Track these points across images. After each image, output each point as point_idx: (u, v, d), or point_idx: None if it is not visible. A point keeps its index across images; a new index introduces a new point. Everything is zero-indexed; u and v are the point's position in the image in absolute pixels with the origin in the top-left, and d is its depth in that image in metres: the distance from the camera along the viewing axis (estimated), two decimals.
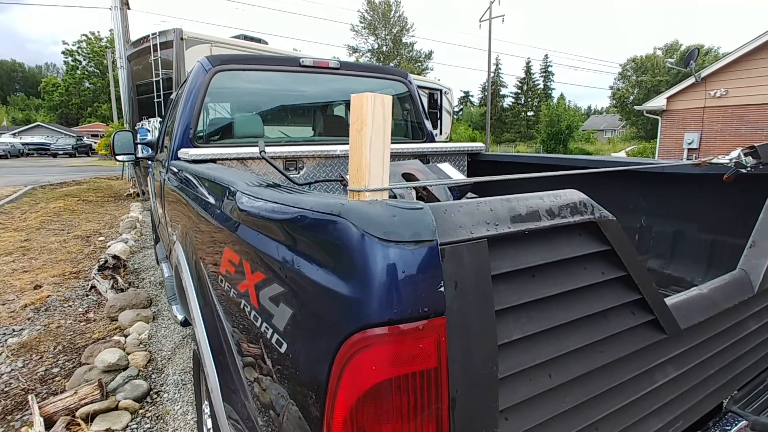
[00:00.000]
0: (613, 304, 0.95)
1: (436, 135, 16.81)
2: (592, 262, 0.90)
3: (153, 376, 3.32)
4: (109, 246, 6.94)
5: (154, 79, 9.57)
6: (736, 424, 1.37)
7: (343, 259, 0.68)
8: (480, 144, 3.43)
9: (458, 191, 2.59)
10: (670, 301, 1.12)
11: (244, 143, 2.98)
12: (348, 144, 3.26)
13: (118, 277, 5.37)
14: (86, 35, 55.00)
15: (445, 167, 2.72)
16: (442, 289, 0.65)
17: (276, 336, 0.86)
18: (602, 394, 0.97)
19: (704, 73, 11.90)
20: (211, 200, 1.50)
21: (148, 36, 9.86)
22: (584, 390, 0.92)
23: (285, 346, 0.82)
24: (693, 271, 2.23)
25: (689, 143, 12.36)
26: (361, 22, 57.21)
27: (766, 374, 1.59)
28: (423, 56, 59.99)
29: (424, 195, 2.50)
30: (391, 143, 2.63)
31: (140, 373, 3.33)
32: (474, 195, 2.81)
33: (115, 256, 5.91)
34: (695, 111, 12.36)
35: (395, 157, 3.11)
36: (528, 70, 58.81)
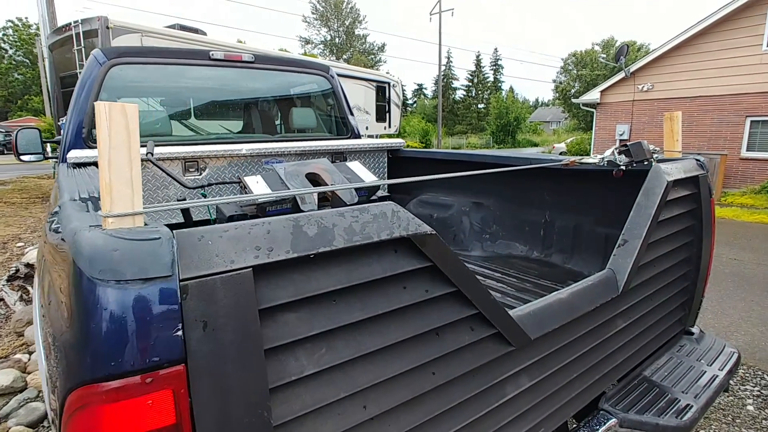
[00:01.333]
0: (444, 321, 0.89)
1: (385, 128, 16.80)
2: (413, 280, 0.83)
3: None
4: (26, 253, 6.38)
5: (78, 71, 8.86)
6: (605, 422, 1.38)
7: (67, 301, 0.57)
8: (400, 140, 3.38)
9: (366, 191, 2.52)
10: (521, 311, 1.09)
11: (160, 142, 2.76)
12: (267, 141, 3.10)
13: (30, 288, 4.92)
14: (12, 21, 50.38)
15: (355, 166, 2.64)
16: (179, 333, 0.55)
17: (49, 383, 0.74)
18: (439, 416, 0.92)
19: (633, 68, 12.54)
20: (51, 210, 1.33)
21: (71, 24, 9.12)
22: (413, 415, 0.87)
23: (51, 397, 0.71)
24: (590, 265, 2.28)
25: (621, 134, 13.02)
26: (313, 13, 56.07)
27: (638, 370, 1.63)
28: (376, 48, 59.70)
29: (329, 196, 2.40)
30: (307, 140, 2.52)
31: (40, 395, 3.05)
32: (385, 194, 2.75)
33: (28, 264, 5.42)
34: (626, 104, 13.01)
35: (310, 155, 2.99)
36: (478, 64, 59.93)
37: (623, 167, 1.65)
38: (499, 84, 61.50)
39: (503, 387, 1.05)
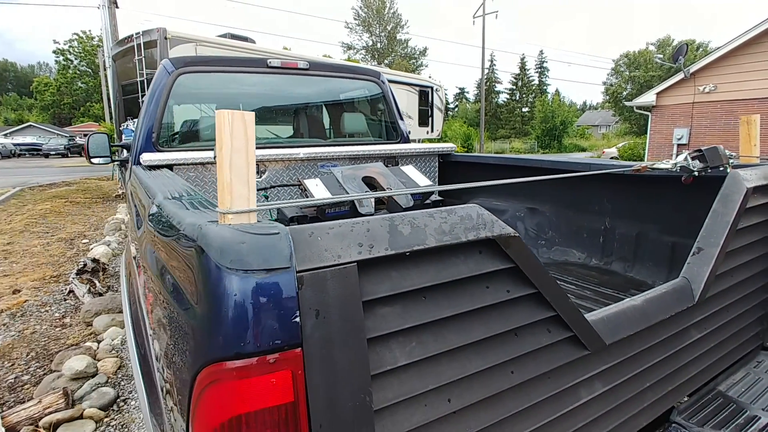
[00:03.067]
0: (523, 322, 0.91)
1: (428, 132, 16.79)
2: (496, 281, 0.86)
3: (122, 383, 3.27)
4: (91, 249, 6.88)
5: (138, 79, 9.48)
6: None
7: (196, 287, 0.64)
8: (451, 145, 3.39)
9: (420, 195, 2.55)
10: (596, 315, 1.09)
11: (211, 146, 2.94)
12: (321, 146, 3.22)
13: (96, 281, 5.31)
14: (77, 34, 54.55)
15: (409, 170, 2.68)
16: (297, 319, 0.61)
17: (163, 360, 0.82)
18: (516, 415, 0.94)
19: (693, 68, 11.87)
20: (139, 209, 1.46)
21: (132, 35, 9.78)
22: (492, 413, 0.89)
23: (167, 372, 0.79)
24: (654, 274, 2.19)
25: (679, 138, 12.34)
26: (355, 19, 57.03)
27: (712, 384, 1.56)
28: (417, 53, 59.83)
29: (385, 199, 2.46)
30: (360, 145, 2.60)
31: (109, 380, 3.29)
32: (438, 199, 2.77)
33: (94, 260, 5.85)
34: (684, 106, 12.32)
35: (364, 159, 3.06)
36: (522, 66, 58.72)
37: (696, 173, 1.59)
38: (545, 87, 59.93)
39: (577, 391, 1.05)
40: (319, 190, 2.37)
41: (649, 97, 13.32)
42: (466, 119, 49.90)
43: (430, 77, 18.92)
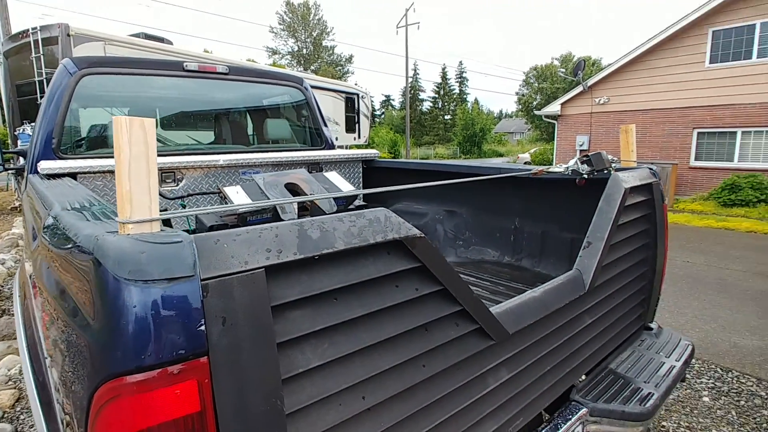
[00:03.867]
0: (432, 317, 0.97)
1: (355, 139, 16.91)
2: (405, 280, 0.91)
3: (21, 417, 2.91)
4: None
5: (36, 78, 8.52)
6: (576, 412, 1.48)
7: (93, 303, 0.61)
8: (374, 151, 3.47)
9: (343, 201, 2.59)
10: (500, 308, 1.18)
11: None
12: (243, 152, 3.12)
13: None
14: None
15: (333, 176, 2.70)
16: (202, 327, 0.60)
17: (62, 387, 0.76)
18: (429, 406, 0.99)
19: (590, 82, 13.24)
20: (35, 222, 1.33)
21: (28, 30, 8.78)
22: (406, 406, 0.93)
23: (66, 399, 0.73)
24: (558, 268, 2.41)
25: (581, 145, 13.66)
26: (279, 24, 55.95)
27: (604, 364, 1.75)
28: (344, 60, 60.09)
29: (308, 206, 2.45)
30: (283, 151, 2.55)
31: (5, 415, 2.91)
32: (361, 203, 2.82)
33: None
34: (584, 116, 13.68)
35: (287, 165, 3.03)
36: (444, 76, 61.34)
37: (585, 176, 1.79)
38: (465, 96, 63.09)
39: (485, 379, 1.14)
40: (239, 198, 2.30)
41: (554, 107, 14.59)
42: (393, 126, 50.99)
43: (356, 84, 19.09)
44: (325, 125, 3.94)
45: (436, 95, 61.45)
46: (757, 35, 10.61)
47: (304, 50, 57.26)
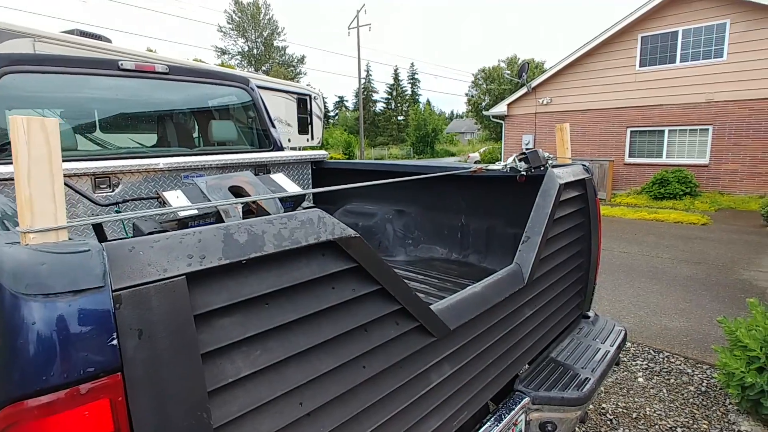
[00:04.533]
0: (371, 317, 0.96)
1: (308, 140, 16.73)
2: (341, 281, 0.90)
3: None
4: None
5: None
6: (520, 401, 1.54)
7: None
8: (323, 152, 3.44)
9: (291, 202, 2.54)
10: (441, 304, 1.20)
11: (66, 157, 2.53)
12: (186, 155, 2.98)
13: None
14: None
15: (279, 178, 2.64)
16: (115, 342, 0.57)
17: None
18: (372, 407, 0.99)
19: (533, 83, 13.85)
20: None
21: None
22: (347, 409, 0.92)
23: None
24: (503, 263, 2.49)
25: (526, 144, 14.26)
26: (228, 23, 54.18)
27: (545, 353, 1.83)
28: (296, 60, 59.16)
29: (254, 208, 2.38)
30: (229, 153, 2.45)
31: None
32: (310, 205, 2.78)
33: None
34: (529, 116, 14.30)
35: (233, 168, 2.93)
36: (396, 77, 61.94)
37: (523, 173, 1.86)
38: (417, 97, 64.00)
39: (428, 375, 1.15)
40: (179, 203, 2.20)
41: (501, 108, 15.13)
42: (347, 127, 50.85)
43: (308, 85, 18.83)
44: (273, 126, 3.86)
45: (389, 96, 61.96)
46: (680, 41, 11.52)
47: (255, 50, 55.86)
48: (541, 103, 13.87)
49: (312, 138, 16.47)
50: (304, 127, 15.83)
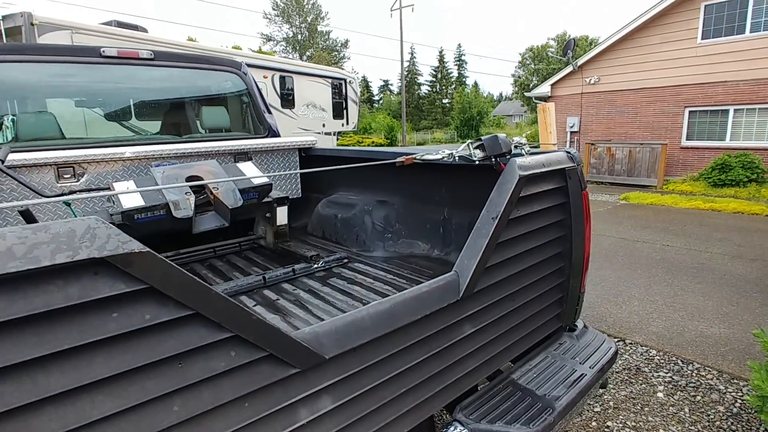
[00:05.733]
0: (183, 348, 0.78)
1: (343, 125, 16.67)
2: (125, 307, 0.72)
3: None
4: None
5: None
6: None
7: None
8: (311, 138, 3.26)
9: (256, 193, 2.38)
10: (315, 328, 0.99)
11: (33, 147, 2.54)
12: (174, 143, 2.90)
13: None
14: None
15: (245, 167, 2.49)
16: None
17: None
18: None
19: (580, 61, 12.83)
20: None
21: None
22: None
23: None
24: None
25: (571, 126, 13.31)
26: (274, 9, 54.90)
27: (506, 373, 1.57)
28: (339, 45, 59.08)
29: (212, 199, 2.25)
30: (218, 140, 2.33)
31: None
32: (282, 195, 2.62)
33: None
34: (575, 96, 13.30)
35: (206, 156, 2.81)
36: (441, 59, 60.24)
37: (477, 162, 1.58)
38: (464, 79, 62.14)
39: (294, 411, 0.95)
40: (128, 194, 2.10)
41: (545, 89, 14.22)
42: (390, 111, 50.36)
43: (352, 70, 18.67)
44: (269, 112, 3.72)
45: (434, 79, 60.59)
46: (750, 9, 10.19)
47: (299, 36, 56.35)
48: (589, 83, 12.87)
49: (347, 122, 16.39)
50: (339, 111, 15.76)
